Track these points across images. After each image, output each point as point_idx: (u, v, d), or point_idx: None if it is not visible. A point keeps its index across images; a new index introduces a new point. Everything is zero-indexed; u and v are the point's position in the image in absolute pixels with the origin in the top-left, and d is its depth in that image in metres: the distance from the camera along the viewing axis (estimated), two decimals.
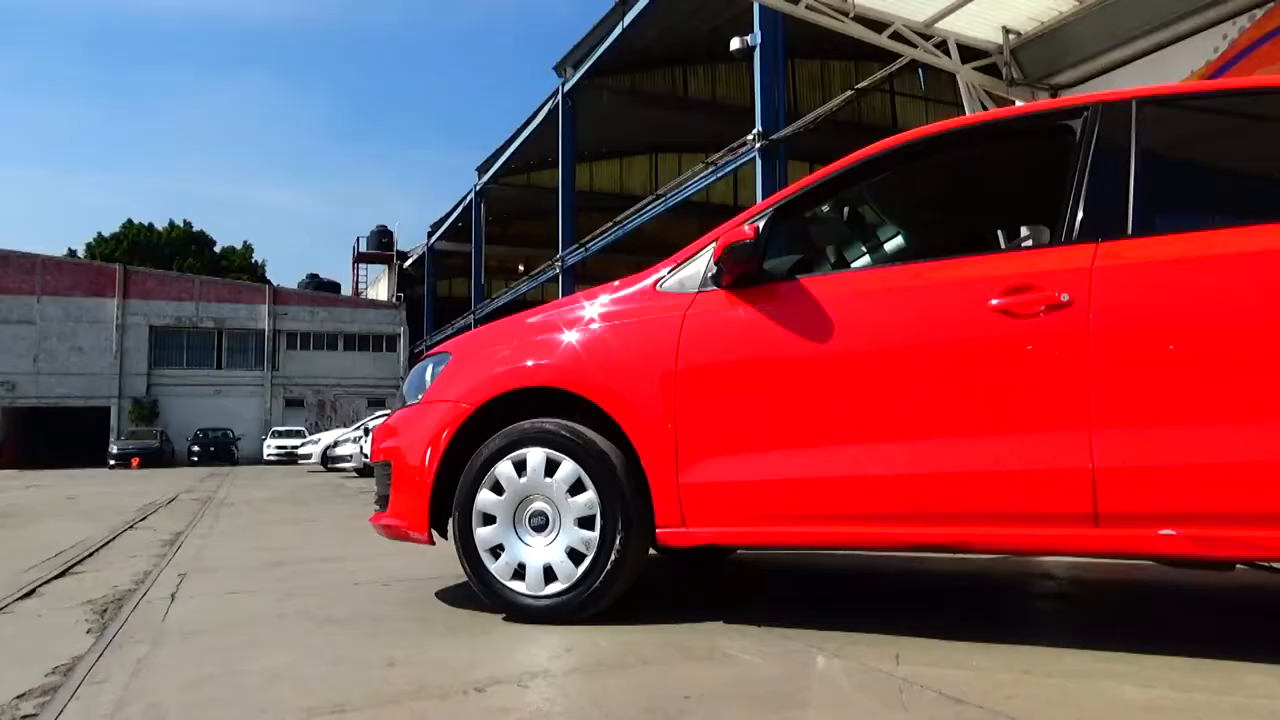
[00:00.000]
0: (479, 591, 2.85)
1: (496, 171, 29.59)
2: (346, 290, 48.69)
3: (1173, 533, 2.21)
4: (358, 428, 18.85)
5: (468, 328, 26.69)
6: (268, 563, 4.41)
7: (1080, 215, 2.46)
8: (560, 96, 23.00)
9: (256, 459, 31.95)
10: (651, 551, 2.83)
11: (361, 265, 49.28)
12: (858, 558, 4.19)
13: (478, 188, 30.83)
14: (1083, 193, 2.48)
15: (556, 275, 23.89)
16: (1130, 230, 2.40)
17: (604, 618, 2.70)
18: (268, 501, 9.99)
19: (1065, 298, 2.34)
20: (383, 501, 3.15)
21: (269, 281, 45.86)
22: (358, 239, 48.40)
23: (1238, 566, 3.50)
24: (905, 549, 2.58)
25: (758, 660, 2.30)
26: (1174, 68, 6.20)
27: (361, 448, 15.86)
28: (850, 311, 2.60)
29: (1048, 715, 1.83)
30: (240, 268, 52.43)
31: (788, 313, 2.65)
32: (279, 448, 29.78)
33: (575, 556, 2.72)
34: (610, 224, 20.98)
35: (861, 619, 2.80)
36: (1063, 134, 2.62)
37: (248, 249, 56.17)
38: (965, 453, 2.40)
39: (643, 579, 2.88)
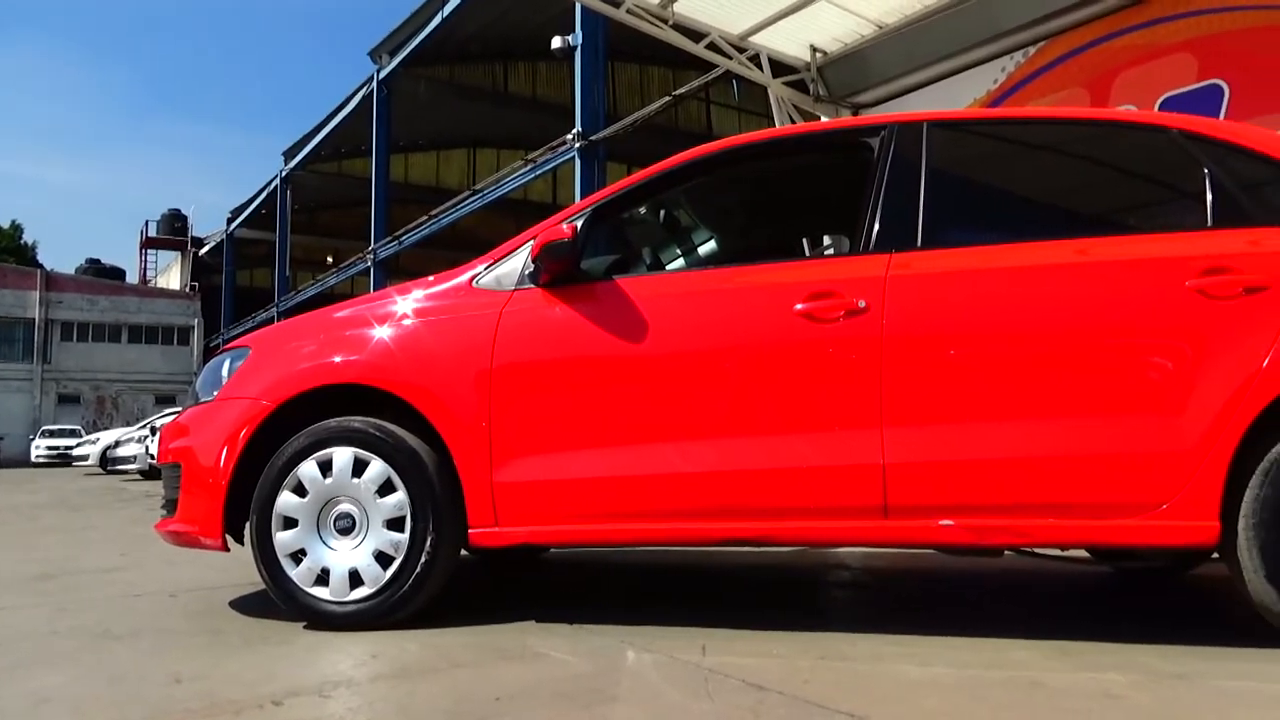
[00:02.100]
0: (278, 600, 2.70)
1: (305, 157, 28.19)
2: (132, 278, 44.95)
3: (951, 523, 2.41)
4: (143, 426, 17.45)
5: (270, 321, 25.30)
6: (36, 575, 4.00)
7: (877, 227, 2.63)
8: (375, 84, 22.22)
9: (24, 461, 28.92)
10: (464, 552, 2.78)
11: (151, 252, 45.67)
12: (668, 553, 4.29)
13: (284, 173, 29.27)
14: (879, 206, 2.65)
15: (368, 268, 23.06)
16: (920, 243, 2.59)
17: (413, 622, 2.63)
18: (36, 508, 9.06)
19: (862, 304, 2.50)
20: (171, 506, 2.92)
21: (41, 266, 41.58)
22: (146, 223, 44.83)
23: (1006, 552, 3.84)
24: (714, 544, 2.66)
25: (569, 658, 2.31)
26: (961, 94, 6.74)
27: (147, 448, 14.70)
28: (664, 312, 2.66)
29: (841, 697, 1.94)
30: (6, 250, 47.31)
31: (603, 312, 2.67)
32: (50, 448, 27.16)
33: (383, 559, 2.63)
34: (426, 217, 20.48)
35: (671, 613, 2.87)
36: (863, 150, 2.79)
37: (16, 229, 50.76)
38: (771, 450, 2.51)
39: (455, 581, 2.82)
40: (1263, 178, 2.54)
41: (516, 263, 2.82)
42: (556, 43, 13.21)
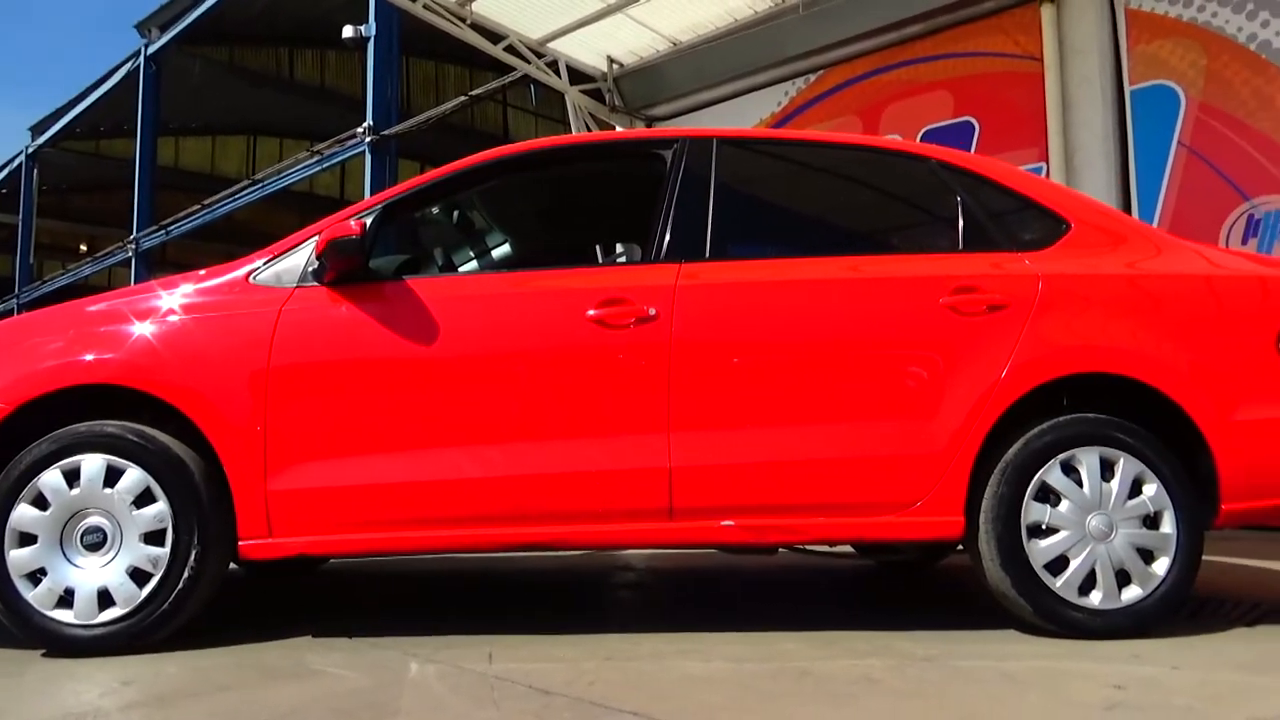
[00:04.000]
0: (10, 625, 2.41)
1: (57, 134, 25.41)
2: None
3: (732, 523, 2.52)
4: None
5: (9, 313, 22.65)
6: None
7: (668, 237, 2.71)
8: (142, 59, 20.43)
9: None
10: (233, 566, 2.60)
11: None
12: (454, 560, 4.21)
13: (30, 150, 26.29)
14: (670, 217, 2.73)
15: (129, 259, 21.13)
16: (708, 254, 2.69)
17: (174, 643, 2.43)
18: None
19: (652, 312, 2.56)
20: None
21: None
22: None
23: (780, 550, 4.06)
24: (503, 549, 2.64)
25: (347, 673, 2.21)
26: (749, 114, 7.08)
27: None
28: (455, 315, 2.61)
29: (625, 696, 1.98)
30: None
31: (392, 313, 2.59)
32: None
33: (140, 577, 2.41)
34: (198, 206, 19.01)
35: (456, 621, 2.82)
36: (655, 162, 2.86)
37: None
38: (561, 455, 2.52)
39: (223, 597, 2.64)
40: (1005, 207, 2.84)
41: (299, 259, 2.68)
42: (348, 31, 12.68)
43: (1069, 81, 5.56)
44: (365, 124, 12.64)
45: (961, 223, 2.80)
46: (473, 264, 3.83)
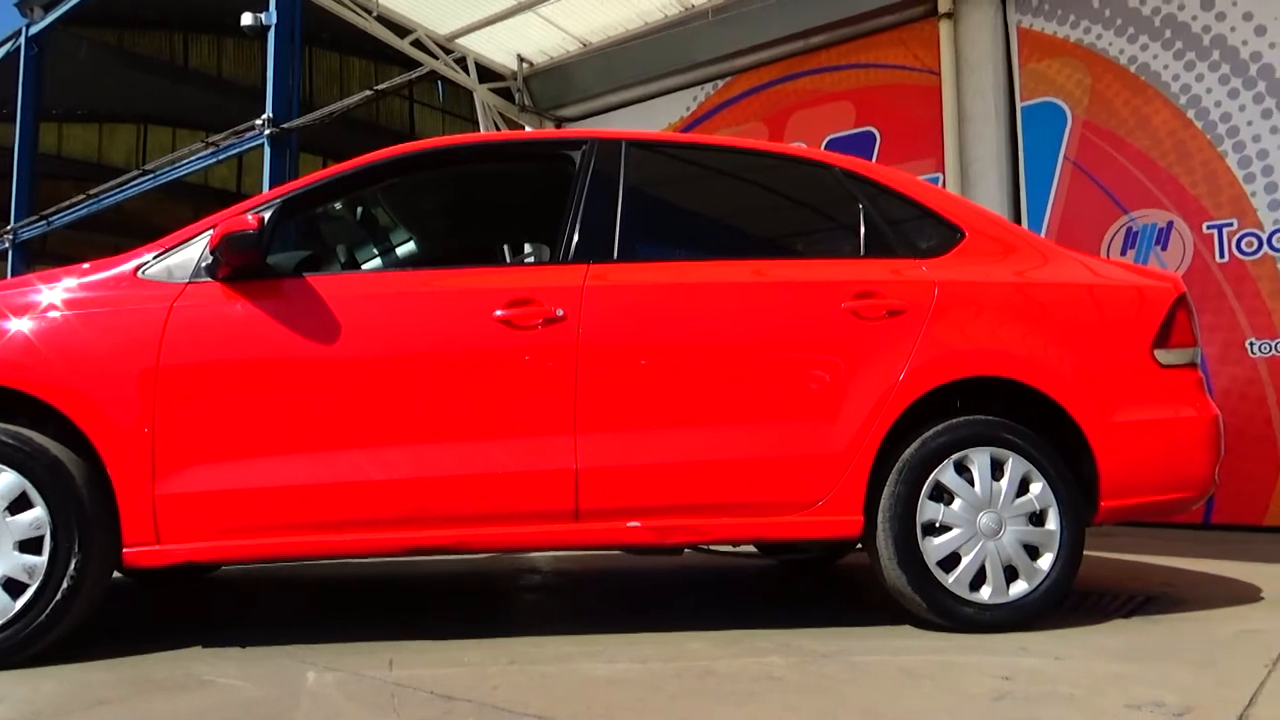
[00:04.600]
0: None
1: None
2: None
3: (638, 524, 2.53)
4: None
5: None
6: None
7: (576, 238, 2.70)
8: (24, 39, 19.33)
9: None
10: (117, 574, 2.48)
11: None
12: (355, 565, 4.11)
13: None
14: (578, 218, 2.73)
15: (4, 250, 19.95)
16: (616, 255, 2.70)
17: (51, 657, 2.30)
18: None
19: (560, 313, 2.55)
20: None
21: None
22: None
23: (685, 550, 4.10)
24: (407, 553, 2.59)
25: (240, 683, 2.13)
26: (658, 117, 7.12)
27: None
28: (357, 314, 2.55)
29: (529, 700, 1.96)
30: None
31: (291, 311, 2.51)
32: None
33: (14, 587, 2.27)
34: (84, 196, 18.09)
35: (356, 628, 2.75)
36: (565, 163, 2.85)
37: None
38: (466, 457, 2.49)
39: (108, 606, 2.51)
40: (904, 215, 2.93)
41: (192, 253, 2.57)
42: (247, 19, 12.24)
43: (965, 95, 5.77)
44: (264, 116, 12.22)
45: (863, 229, 2.88)
46: (377, 262, 3.75)
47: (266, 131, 12.08)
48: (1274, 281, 4.75)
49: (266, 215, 2.55)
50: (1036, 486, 2.63)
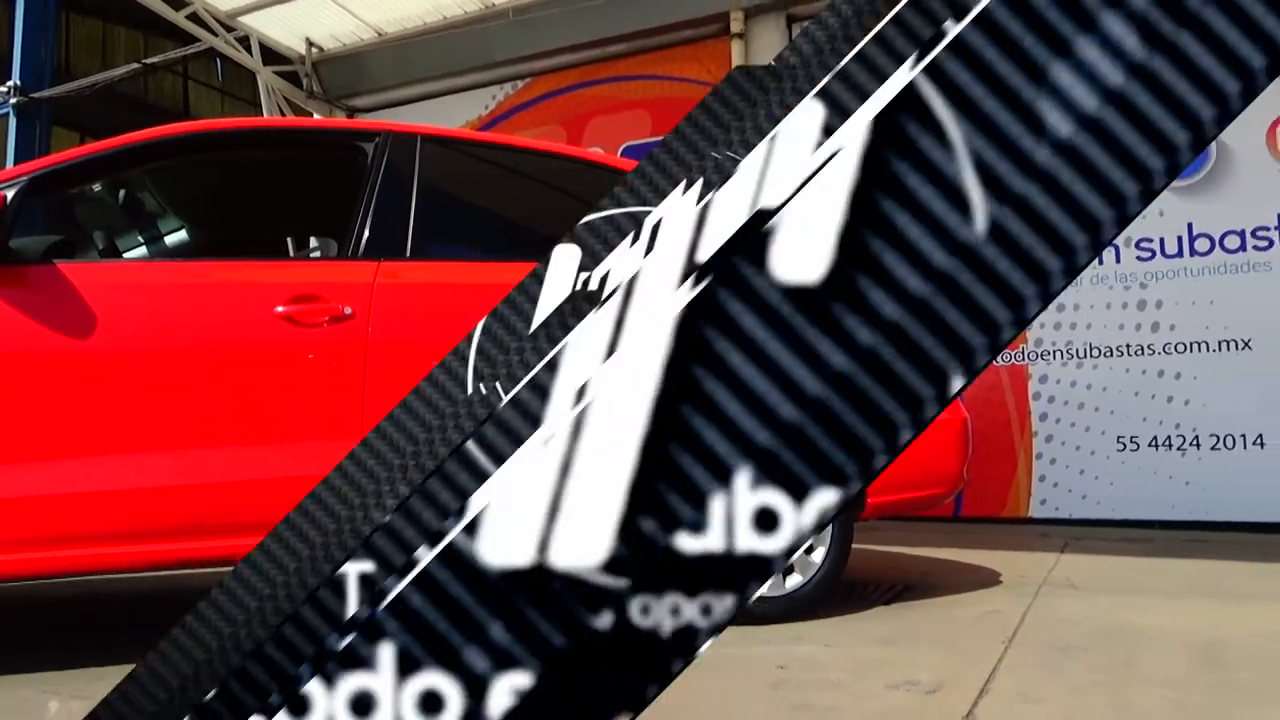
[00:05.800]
0: None
1: None
2: None
3: None
4: None
5: None
6: None
7: (366, 234, 2.61)
8: None
9: None
10: None
11: None
12: (111, 581, 3.77)
13: None
14: (369, 213, 2.63)
15: None
16: (408, 253, 2.63)
17: None
18: None
19: (348, 310, 2.45)
20: None
21: None
22: None
23: None
24: (177, 565, 2.39)
25: None
26: (455, 114, 6.99)
27: None
28: (115, 306, 2.33)
29: None
30: None
31: (35, 301, 2.26)
32: None
33: None
34: None
35: (110, 651, 2.52)
36: (356, 154, 2.75)
37: None
38: (242, 461, 2.34)
39: None
40: None
41: None
42: None
43: None
44: (11, 83, 10.97)
45: None
46: (142, 250, 3.46)
47: (12, 100, 10.85)
48: None
49: (9, 194, 2.29)
50: None
